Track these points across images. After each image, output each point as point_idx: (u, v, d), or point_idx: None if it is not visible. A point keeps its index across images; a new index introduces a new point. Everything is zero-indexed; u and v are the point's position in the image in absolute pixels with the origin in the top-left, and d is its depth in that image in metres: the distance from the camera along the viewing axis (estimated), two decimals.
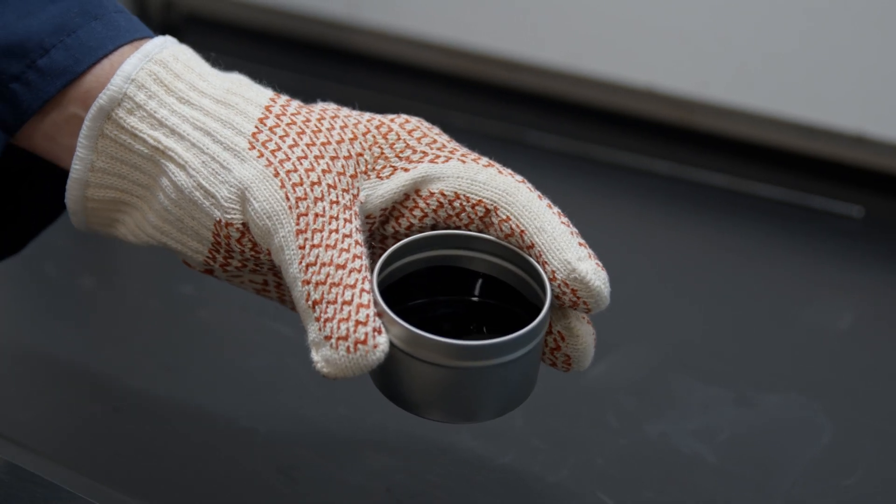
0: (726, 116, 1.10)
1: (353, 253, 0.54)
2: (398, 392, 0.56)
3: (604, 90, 1.15)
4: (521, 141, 1.14)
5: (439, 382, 0.54)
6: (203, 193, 0.57)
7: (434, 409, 0.55)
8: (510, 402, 0.56)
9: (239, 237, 0.57)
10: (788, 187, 1.05)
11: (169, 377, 0.81)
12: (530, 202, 0.57)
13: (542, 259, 0.56)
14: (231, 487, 0.71)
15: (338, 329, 0.53)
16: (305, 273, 0.54)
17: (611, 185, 1.09)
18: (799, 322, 0.89)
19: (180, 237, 0.59)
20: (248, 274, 0.61)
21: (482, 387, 0.55)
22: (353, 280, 0.54)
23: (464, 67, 1.22)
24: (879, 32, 1.02)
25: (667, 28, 1.10)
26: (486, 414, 0.56)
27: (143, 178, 0.59)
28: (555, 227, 0.56)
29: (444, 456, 0.73)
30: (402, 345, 0.54)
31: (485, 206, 0.57)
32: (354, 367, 0.53)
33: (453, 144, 0.60)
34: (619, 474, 0.73)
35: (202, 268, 0.60)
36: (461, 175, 0.58)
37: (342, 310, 0.53)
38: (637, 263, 0.97)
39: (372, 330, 0.53)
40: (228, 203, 0.57)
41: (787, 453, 0.75)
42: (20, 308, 0.91)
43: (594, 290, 0.55)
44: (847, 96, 1.04)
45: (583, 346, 0.58)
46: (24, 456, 0.70)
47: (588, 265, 0.55)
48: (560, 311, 0.57)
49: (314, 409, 0.77)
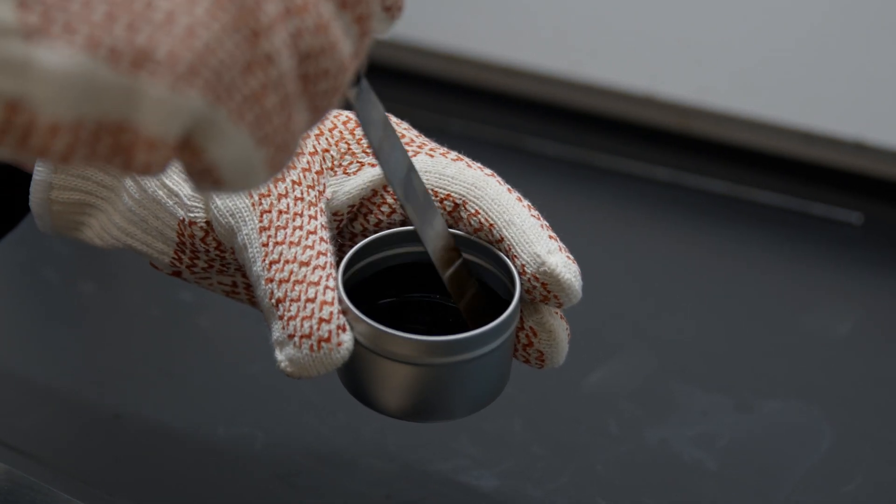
0: (726, 123, 1.10)
1: (317, 250, 0.54)
2: (366, 392, 0.55)
3: (603, 97, 1.15)
4: (521, 148, 1.14)
5: (406, 380, 0.53)
6: (166, 192, 0.57)
7: (403, 408, 0.54)
8: (480, 399, 0.55)
9: (203, 236, 0.57)
10: (788, 194, 1.05)
11: (168, 384, 0.81)
12: (499, 195, 0.56)
13: (511, 253, 0.55)
14: (231, 494, 0.71)
15: (301, 327, 0.52)
16: (269, 271, 0.53)
17: (610, 192, 1.09)
18: (798, 328, 0.89)
19: (145, 238, 0.59)
20: (215, 275, 0.60)
21: (450, 384, 0.53)
22: (316, 277, 0.53)
23: (463, 74, 1.22)
24: (879, 39, 1.02)
25: (666, 35, 1.10)
26: (455, 412, 0.55)
27: (107, 178, 0.59)
28: (524, 220, 0.55)
29: (444, 463, 0.73)
30: (368, 342, 0.53)
31: (453, 200, 0.56)
32: (318, 366, 0.52)
33: (422, 139, 0.59)
34: (619, 481, 0.73)
35: (169, 270, 0.60)
36: (429, 169, 0.57)
37: (305, 307, 0.52)
38: (635, 270, 0.97)
39: (336, 328, 0.52)
40: (192, 201, 0.57)
41: (786, 459, 0.75)
42: (20, 314, 0.91)
43: (564, 284, 0.54)
44: (846, 103, 1.04)
45: (556, 341, 0.57)
46: (23, 462, 0.70)
47: (558, 258, 0.54)
48: (532, 305, 0.56)
49: (314, 415, 0.77)
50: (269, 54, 0.39)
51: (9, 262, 0.93)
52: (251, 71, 0.39)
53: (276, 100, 0.40)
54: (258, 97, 0.40)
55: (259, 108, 0.40)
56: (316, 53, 0.41)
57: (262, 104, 0.40)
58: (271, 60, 0.39)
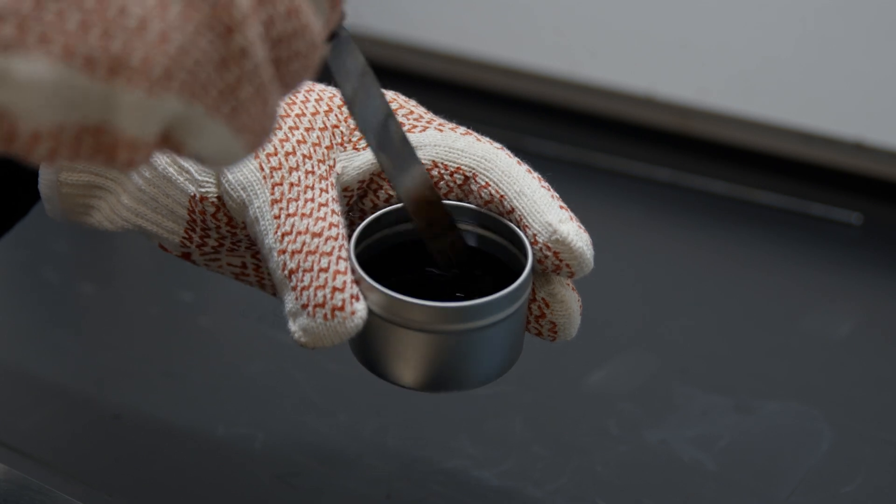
0: (725, 123, 1.10)
1: (329, 221, 0.54)
2: (378, 362, 0.54)
3: (603, 97, 1.15)
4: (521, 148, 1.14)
5: (420, 349, 0.53)
6: (177, 169, 0.57)
7: (416, 378, 0.54)
8: (493, 370, 0.55)
9: (214, 212, 0.57)
10: (787, 194, 1.06)
11: (168, 384, 0.81)
12: (509, 167, 0.56)
13: (522, 223, 0.55)
14: (231, 494, 0.71)
15: (314, 297, 0.52)
16: (281, 242, 0.53)
17: (610, 192, 1.09)
18: (798, 329, 0.89)
19: (155, 217, 0.59)
20: (225, 256, 0.60)
21: (463, 352, 0.53)
22: (329, 248, 0.53)
23: (463, 74, 1.22)
24: (878, 40, 1.02)
25: (666, 35, 1.10)
26: (467, 382, 0.55)
27: None
28: (535, 191, 0.55)
29: (445, 462, 0.73)
30: (382, 311, 0.52)
31: (463, 173, 0.57)
32: (333, 335, 0.52)
33: (430, 115, 0.59)
34: (619, 481, 0.73)
35: (179, 251, 0.60)
36: (438, 143, 0.57)
37: (318, 277, 0.52)
38: (636, 270, 0.97)
39: (349, 297, 0.52)
40: (203, 177, 0.57)
41: (786, 460, 0.75)
42: (20, 314, 0.91)
43: (576, 252, 0.54)
44: (846, 104, 1.04)
45: (568, 311, 0.57)
46: (23, 463, 0.70)
47: (570, 227, 0.54)
48: (543, 276, 0.56)
49: (314, 415, 0.77)
50: (243, 48, 0.40)
51: (9, 262, 0.93)
52: (226, 66, 0.40)
53: (251, 90, 0.40)
54: (233, 89, 0.40)
55: (234, 99, 0.40)
56: (288, 37, 0.41)
57: (237, 96, 0.40)
58: (245, 54, 0.40)
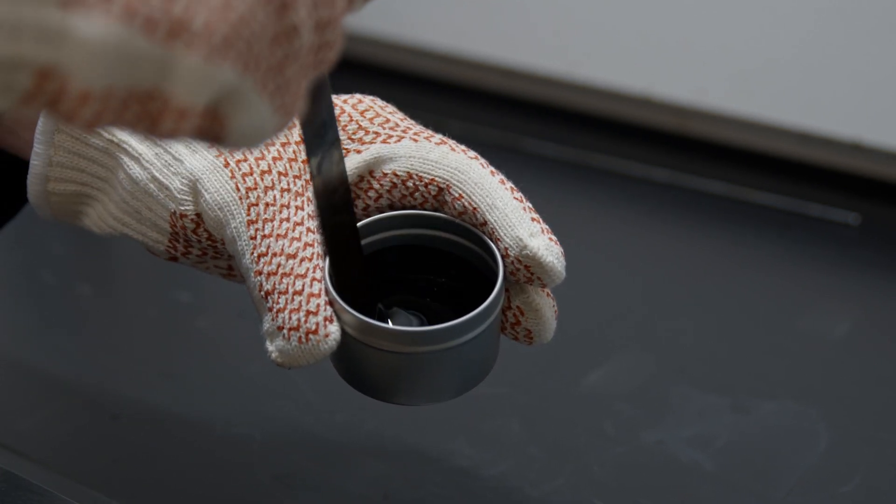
0: (723, 124, 1.10)
1: (304, 241, 0.54)
2: (357, 378, 0.56)
3: (601, 98, 1.15)
4: (519, 149, 1.14)
5: (394, 368, 0.54)
6: (157, 185, 0.58)
7: (393, 392, 0.56)
8: (469, 381, 0.56)
9: (194, 228, 0.57)
10: (785, 195, 1.06)
11: (166, 385, 0.81)
12: (482, 179, 0.56)
13: (494, 236, 0.55)
14: (228, 495, 0.71)
15: (289, 320, 0.53)
16: (257, 263, 0.54)
17: (608, 193, 1.09)
18: (795, 329, 0.89)
19: (140, 228, 0.59)
20: (211, 260, 0.61)
21: (436, 370, 0.55)
22: (303, 269, 0.54)
23: (461, 75, 1.22)
24: (877, 40, 1.02)
25: (664, 36, 1.10)
26: (446, 394, 0.56)
27: (101, 170, 0.59)
28: (506, 204, 0.56)
29: (442, 463, 0.74)
30: (355, 333, 0.54)
31: (437, 184, 0.57)
32: (307, 357, 0.53)
33: (407, 123, 0.59)
34: (616, 482, 0.73)
35: (165, 256, 0.60)
36: (413, 154, 0.58)
37: (293, 300, 0.53)
38: (633, 271, 0.97)
39: (323, 319, 0.53)
40: (182, 195, 0.57)
41: (783, 460, 0.75)
42: (17, 316, 0.91)
43: (546, 266, 0.54)
44: (844, 104, 1.04)
45: (542, 319, 0.57)
46: (21, 464, 0.70)
47: (540, 241, 0.54)
48: (518, 285, 0.57)
49: (311, 416, 0.77)
50: (295, 26, 0.39)
51: (6, 264, 0.93)
52: (278, 42, 0.39)
53: (295, 69, 0.40)
54: (281, 67, 0.40)
55: (280, 77, 0.40)
56: (324, 24, 0.41)
57: (283, 74, 0.40)
58: (296, 32, 0.40)
